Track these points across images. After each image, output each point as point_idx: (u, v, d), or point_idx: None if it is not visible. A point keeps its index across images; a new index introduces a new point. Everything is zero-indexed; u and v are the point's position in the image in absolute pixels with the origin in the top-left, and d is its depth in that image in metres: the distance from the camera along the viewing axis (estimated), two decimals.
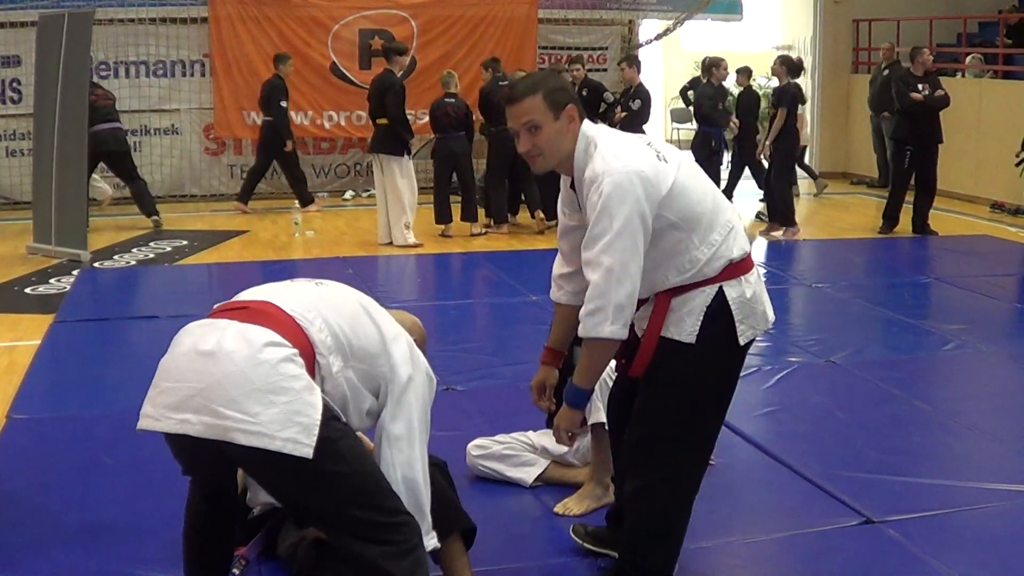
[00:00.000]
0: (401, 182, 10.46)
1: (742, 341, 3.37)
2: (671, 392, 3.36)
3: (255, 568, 3.81)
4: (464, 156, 11.06)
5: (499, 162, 11.23)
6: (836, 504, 4.41)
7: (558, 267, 3.62)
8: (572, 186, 3.40)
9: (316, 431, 2.81)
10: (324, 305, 3.08)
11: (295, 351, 2.87)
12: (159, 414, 2.86)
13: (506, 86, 2.68)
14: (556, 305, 3.65)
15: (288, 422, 2.78)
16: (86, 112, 9.95)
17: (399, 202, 10.47)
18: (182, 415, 2.81)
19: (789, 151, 11.14)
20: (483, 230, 11.11)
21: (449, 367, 6.32)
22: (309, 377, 2.89)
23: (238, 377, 2.78)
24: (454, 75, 11.21)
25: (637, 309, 3.29)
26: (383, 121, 10.53)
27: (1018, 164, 10.98)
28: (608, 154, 3.22)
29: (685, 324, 3.30)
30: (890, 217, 11.36)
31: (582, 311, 3.21)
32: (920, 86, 10.99)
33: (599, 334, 3.18)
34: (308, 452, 2.79)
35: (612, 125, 11.52)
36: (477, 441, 4.73)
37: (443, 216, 11.13)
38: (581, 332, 3.22)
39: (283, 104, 12.11)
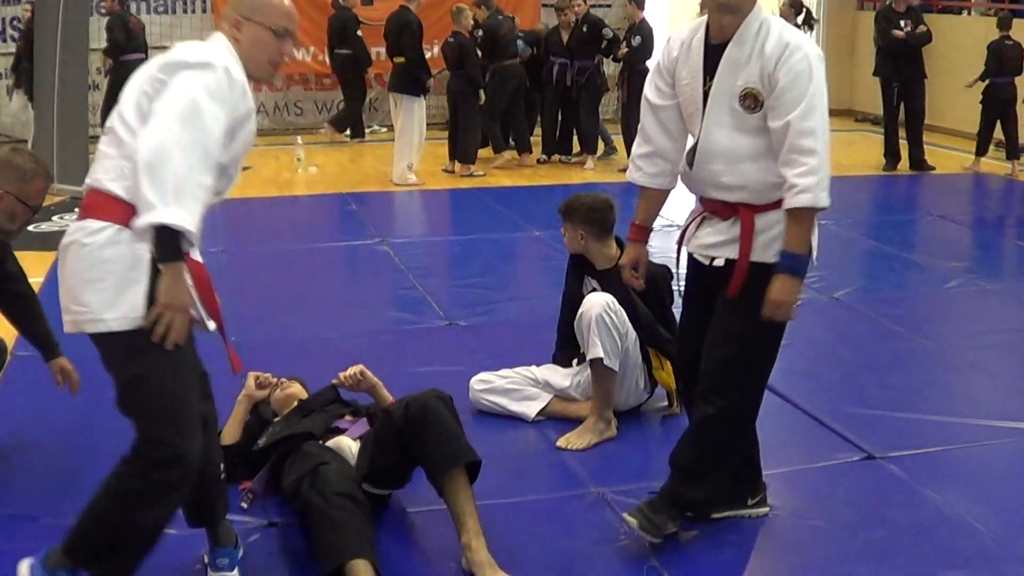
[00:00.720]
0: (410, 122, 10.39)
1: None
2: (760, 313, 3.35)
3: (260, 502, 3.85)
4: (457, 93, 10.92)
5: (499, 97, 11.16)
6: (838, 440, 4.44)
7: (638, 147, 3.60)
8: (709, 47, 3.36)
9: (142, 306, 2.86)
10: (123, 147, 2.92)
11: (117, 227, 2.88)
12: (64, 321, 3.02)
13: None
14: (641, 188, 3.63)
15: (113, 303, 2.86)
16: (87, 49, 9.91)
17: (404, 141, 10.42)
18: (64, 319, 2.97)
19: None
20: (471, 172, 10.93)
21: (452, 302, 6.34)
22: (134, 250, 2.88)
23: (70, 275, 2.92)
24: (463, 10, 10.95)
25: (704, 223, 3.44)
26: (400, 60, 10.42)
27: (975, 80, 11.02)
28: (800, 36, 3.29)
29: (773, 247, 3.33)
30: (891, 154, 11.36)
31: (802, 180, 3.16)
32: (902, 23, 10.91)
33: (821, 203, 3.17)
34: (140, 323, 2.86)
35: (616, 61, 11.46)
36: (480, 376, 4.75)
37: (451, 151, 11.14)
38: (807, 202, 3.16)
39: (359, 33, 12.45)
